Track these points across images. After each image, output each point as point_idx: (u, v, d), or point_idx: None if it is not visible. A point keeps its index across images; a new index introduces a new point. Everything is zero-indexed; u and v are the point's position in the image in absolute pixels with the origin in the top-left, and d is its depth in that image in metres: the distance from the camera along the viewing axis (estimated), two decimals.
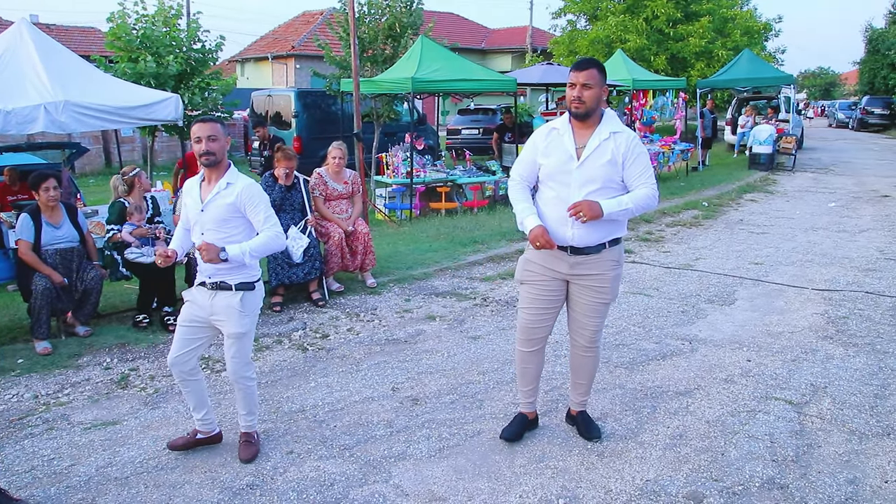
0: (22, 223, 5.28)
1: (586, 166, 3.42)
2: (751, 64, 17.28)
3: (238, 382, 3.68)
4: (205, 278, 3.58)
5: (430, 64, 10.40)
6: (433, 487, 3.43)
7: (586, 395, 3.92)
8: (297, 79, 30.59)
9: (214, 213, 3.52)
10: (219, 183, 3.53)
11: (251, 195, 3.53)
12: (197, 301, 3.62)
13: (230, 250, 3.46)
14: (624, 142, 3.43)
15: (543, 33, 35.25)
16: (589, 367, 3.82)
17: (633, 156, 3.43)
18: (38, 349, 5.14)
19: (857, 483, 3.44)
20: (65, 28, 26.95)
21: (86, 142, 15.50)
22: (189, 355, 3.65)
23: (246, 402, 3.74)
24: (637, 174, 3.45)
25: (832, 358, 5.04)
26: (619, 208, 3.38)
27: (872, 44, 35.24)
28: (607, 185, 3.43)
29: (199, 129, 3.48)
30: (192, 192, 3.62)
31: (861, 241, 8.97)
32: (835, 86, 66.93)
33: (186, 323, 3.64)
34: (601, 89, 3.40)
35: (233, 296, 3.55)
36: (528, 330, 3.73)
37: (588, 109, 3.40)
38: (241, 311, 3.56)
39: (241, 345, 3.62)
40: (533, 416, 3.98)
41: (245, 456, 3.71)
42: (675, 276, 7.31)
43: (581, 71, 3.39)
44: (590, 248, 3.50)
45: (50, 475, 3.57)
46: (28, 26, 6.60)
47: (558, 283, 3.63)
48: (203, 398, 3.77)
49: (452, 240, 8.71)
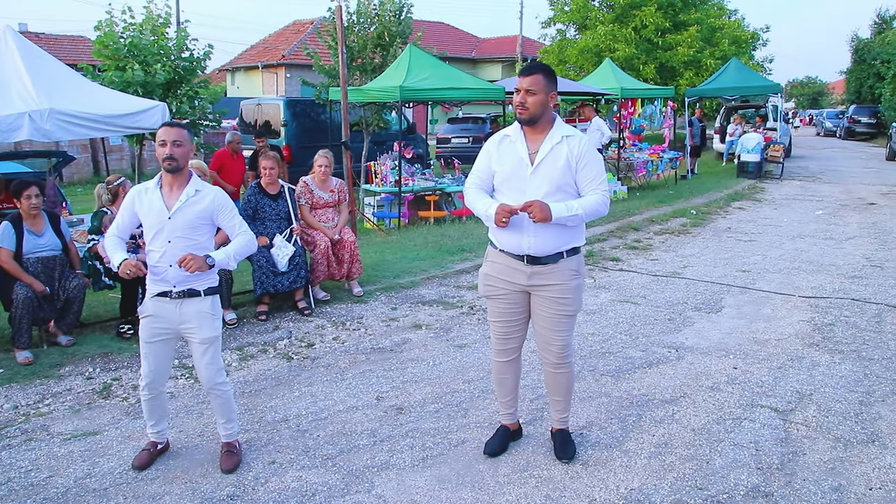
0: (3, 231, 5.23)
1: (539, 171, 3.35)
2: (739, 73, 17.41)
3: (214, 390, 3.63)
4: (169, 288, 3.51)
5: (419, 73, 10.41)
6: (416, 497, 3.40)
7: (564, 412, 3.78)
8: (286, 88, 30.59)
9: (185, 220, 3.48)
10: (186, 190, 3.49)
11: (223, 202, 3.57)
12: (161, 313, 3.53)
13: (216, 256, 3.46)
14: (577, 145, 3.36)
15: (533, 43, 35.42)
16: (562, 384, 3.68)
17: (586, 160, 3.35)
18: (19, 359, 5.08)
19: (841, 490, 3.43)
20: (54, 37, 26.88)
21: (74, 150, 15.40)
22: (164, 371, 3.63)
23: (224, 410, 3.70)
24: (589, 178, 3.36)
25: (818, 365, 5.05)
26: (569, 213, 3.28)
27: (858, 53, 35.61)
28: (562, 189, 3.35)
29: (164, 132, 3.44)
30: (151, 200, 3.51)
31: (847, 248, 9.01)
32: (822, 95, 67.52)
33: (153, 339, 3.56)
34: (547, 95, 3.32)
35: (202, 301, 3.53)
36: (502, 341, 3.68)
37: (532, 115, 3.33)
38: (213, 314, 3.57)
39: (214, 350, 3.59)
40: (515, 428, 3.91)
41: (227, 466, 3.66)
42: (662, 284, 7.31)
43: (525, 76, 3.32)
44: (547, 258, 3.42)
45: (27, 487, 3.52)
46: (13, 34, 6.57)
47: (519, 296, 3.56)
48: (166, 409, 3.78)
49: (440, 248, 8.70)
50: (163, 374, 3.64)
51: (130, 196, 3.59)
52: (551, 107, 3.39)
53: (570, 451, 3.74)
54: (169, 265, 3.47)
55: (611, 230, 10.07)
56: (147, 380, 3.60)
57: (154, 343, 3.56)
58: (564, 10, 25.00)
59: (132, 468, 3.67)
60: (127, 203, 3.59)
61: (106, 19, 10.96)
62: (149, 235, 3.55)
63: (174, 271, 3.46)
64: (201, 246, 3.52)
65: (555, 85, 3.38)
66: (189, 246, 3.47)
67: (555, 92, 3.38)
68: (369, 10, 13.02)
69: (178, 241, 3.47)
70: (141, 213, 3.55)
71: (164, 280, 3.51)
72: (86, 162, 18.42)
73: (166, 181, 3.53)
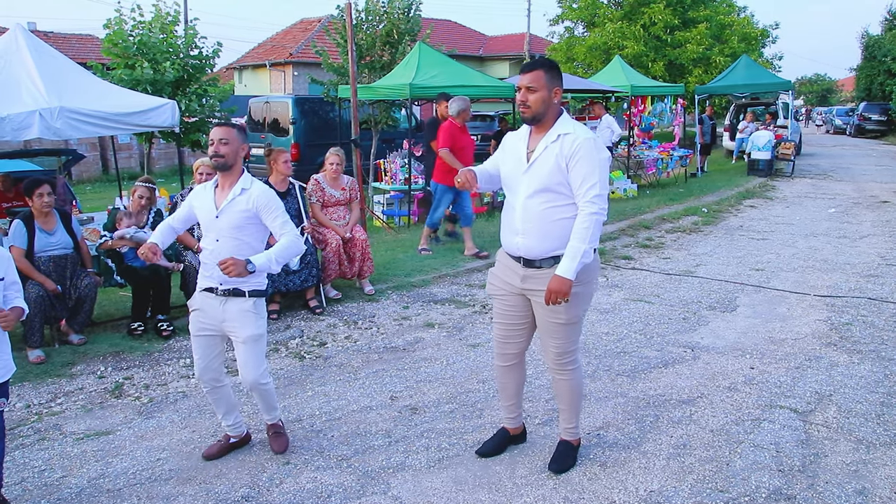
0: (15, 229, 5.22)
1: (532, 171, 3.23)
2: (748, 70, 17.29)
3: (256, 389, 3.64)
4: (215, 284, 3.52)
5: (428, 70, 10.35)
6: (432, 499, 3.35)
7: (569, 422, 3.59)
8: (294, 86, 30.56)
9: (230, 220, 3.48)
10: (233, 189, 3.50)
11: (267, 200, 3.49)
12: (206, 309, 3.56)
13: (256, 261, 3.37)
14: (569, 144, 3.15)
15: (541, 40, 35.29)
16: (563, 392, 3.51)
17: (576, 159, 3.13)
18: (31, 358, 5.06)
19: (865, 493, 3.37)
20: (63, 35, 26.91)
21: (83, 149, 15.43)
22: (214, 363, 3.63)
23: (268, 402, 3.75)
24: (579, 180, 3.13)
25: (836, 365, 4.98)
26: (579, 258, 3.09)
27: (869, 50, 35.31)
28: (554, 189, 3.19)
29: (213, 132, 3.52)
30: (205, 197, 3.57)
31: (862, 246, 8.92)
32: (832, 92, 67.13)
33: (200, 332, 3.60)
34: (550, 91, 3.17)
35: (245, 301, 3.53)
36: (501, 345, 3.58)
37: (535, 113, 3.20)
38: (256, 313, 3.55)
39: (256, 349, 3.56)
40: (517, 432, 3.79)
41: (278, 448, 3.75)
42: (675, 283, 7.25)
43: (525, 73, 3.19)
44: (541, 261, 3.26)
45: (41, 487, 3.49)
46: (23, 32, 6.55)
47: (518, 298, 3.43)
48: (232, 404, 3.76)
49: (451, 247, 8.65)
50: (213, 368, 3.63)
51: (193, 192, 3.70)
52: (556, 103, 3.22)
53: (564, 464, 3.56)
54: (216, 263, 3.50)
55: (622, 228, 10.01)
56: (198, 371, 3.63)
57: (200, 337, 3.60)
58: (573, 7, 24.90)
59: (202, 457, 3.71)
60: (190, 198, 3.68)
61: (115, 17, 10.98)
62: (202, 232, 3.63)
63: (232, 278, 3.44)
64: (249, 246, 3.50)
65: (559, 80, 3.23)
66: (236, 245, 3.45)
67: (559, 87, 3.22)
68: (378, 7, 12.97)
69: (226, 240, 3.48)
70: (196, 209, 3.61)
71: (211, 277, 3.54)
72: (94, 160, 18.47)
73: (221, 180, 3.57)
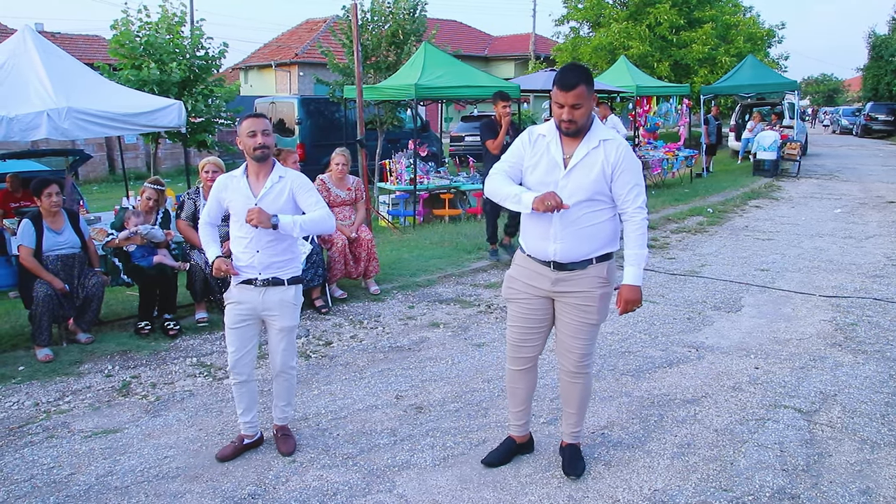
0: (23, 229, 5.26)
1: (573, 176, 3.17)
2: (754, 70, 17.24)
3: (285, 373, 3.77)
4: (255, 275, 3.61)
5: (434, 70, 10.39)
6: (438, 497, 3.37)
7: (577, 426, 3.59)
8: (300, 86, 30.63)
9: (271, 205, 3.57)
10: (271, 177, 3.62)
11: (302, 182, 3.69)
12: (244, 300, 3.65)
13: (282, 219, 3.52)
14: (614, 151, 3.16)
15: (546, 40, 35.25)
16: (577, 396, 3.49)
17: (622, 167, 3.15)
18: (40, 356, 5.10)
19: (870, 493, 3.38)
20: (69, 36, 27.04)
21: (90, 149, 15.51)
22: (250, 354, 3.72)
23: (288, 393, 3.85)
24: (626, 189, 3.17)
25: (841, 365, 4.98)
26: (643, 264, 3.33)
27: (876, 50, 35.19)
28: (594, 198, 3.18)
29: (253, 123, 3.54)
30: (237, 189, 3.62)
31: (868, 247, 8.90)
32: (838, 92, 66.90)
33: (237, 324, 3.67)
34: (591, 102, 3.13)
35: (286, 290, 3.66)
36: (516, 348, 3.51)
37: (580, 127, 3.15)
38: (295, 303, 3.71)
39: (291, 337, 3.74)
40: (524, 440, 3.72)
41: (286, 449, 3.78)
42: (680, 283, 7.25)
43: (569, 91, 3.07)
44: (574, 264, 3.26)
45: (49, 484, 3.53)
46: (31, 33, 6.60)
47: (542, 301, 3.39)
48: (254, 400, 3.83)
49: (456, 246, 8.67)
50: (247, 358, 3.72)
51: (217, 185, 3.72)
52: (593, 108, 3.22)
53: (580, 467, 3.55)
54: (257, 250, 3.58)
55: None
56: (232, 362, 3.70)
57: (238, 328, 3.67)
58: (578, 7, 24.89)
59: (216, 459, 3.72)
60: (214, 191, 3.72)
61: (122, 18, 11.04)
62: (235, 223, 3.65)
63: (262, 255, 3.58)
64: None
65: (593, 86, 3.17)
66: (275, 232, 3.54)
67: (595, 94, 3.20)
68: (383, 8, 13.01)
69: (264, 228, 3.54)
70: (227, 201, 3.66)
71: (249, 266, 3.61)
72: (101, 160, 18.55)
73: (252, 170, 3.64)
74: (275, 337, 3.72)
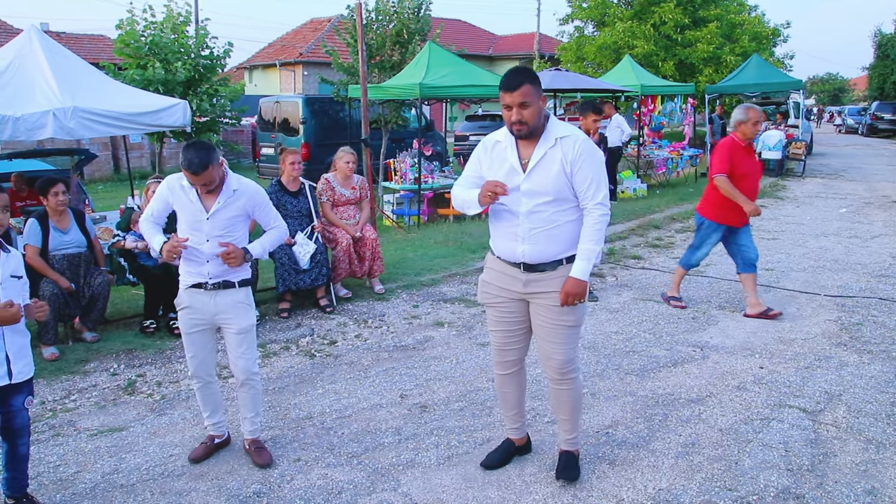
0: (29, 228, 5.28)
1: (533, 178, 3.13)
2: (759, 69, 17.20)
3: (248, 382, 3.67)
4: (205, 280, 3.56)
5: (438, 70, 10.39)
6: (442, 496, 3.38)
7: (572, 432, 3.50)
8: (304, 85, 30.68)
9: (223, 221, 3.52)
10: (224, 192, 3.51)
11: (261, 199, 3.68)
12: (196, 305, 3.59)
13: (253, 250, 3.59)
14: (572, 147, 3.10)
15: (551, 40, 35.26)
16: (565, 402, 3.42)
17: (580, 162, 3.09)
18: (46, 355, 5.12)
19: (875, 493, 3.37)
20: (75, 36, 27.11)
21: (95, 148, 15.53)
22: (209, 358, 3.70)
23: (255, 403, 3.74)
24: (585, 185, 3.12)
25: (846, 365, 4.97)
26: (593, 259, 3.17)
27: (882, 49, 35.10)
28: (559, 198, 3.14)
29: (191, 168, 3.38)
30: (186, 200, 3.51)
31: (873, 246, 8.88)
32: (843, 91, 66.69)
33: (191, 330, 3.63)
34: (539, 101, 3.09)
35: (237, 292, 3.61)
36: (500, 352, 3.49)
37: (532, 128, 3.10)
38: (248, 304, 3.67)
39: (249, 339, 3.66)
40: (521, 442, 3.70)
41: (263, 461, 3.66)
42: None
43: (514, 91, 3.03)
44: (544, 265, 3.22)
45: (55, 482, 3.54)
46: (37, 33, 6.63)
47: (517, 304, 3.36)
48: (219, 402, 3.82)
49: (461, 245, 8.68)
50: (207, 364, 3.70)
51: (165, 186, 3.58)
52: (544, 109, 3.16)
53: (574, 474, 3.48)
54: (206, 260, 3.53)
55: (632, 228, 10.00)
56: (192, 368, 3.70)
57: (193, 334, 3.64)
58: (582, 6, 24.83)
59: (189, 461, 3.71)
60: (162, 193, 3.59)
61: (127, 18, 11.06)
62: (183, 229, 3.56)
63: (211, 265, 3.53)
64: (237, 240, 3.58)
65: (541, 86, 3.14)
66: (227, 242, 3.52)
67: (544, 94, 3.17)
68: (388, 7, 13.01)
69: (215, 239, 3.52)
70: (175, 206, 3.59)
71: (199, 273, 3.56)
72: (106, 160, 18.58)
73: None
74: (233, 341, 3.61)
